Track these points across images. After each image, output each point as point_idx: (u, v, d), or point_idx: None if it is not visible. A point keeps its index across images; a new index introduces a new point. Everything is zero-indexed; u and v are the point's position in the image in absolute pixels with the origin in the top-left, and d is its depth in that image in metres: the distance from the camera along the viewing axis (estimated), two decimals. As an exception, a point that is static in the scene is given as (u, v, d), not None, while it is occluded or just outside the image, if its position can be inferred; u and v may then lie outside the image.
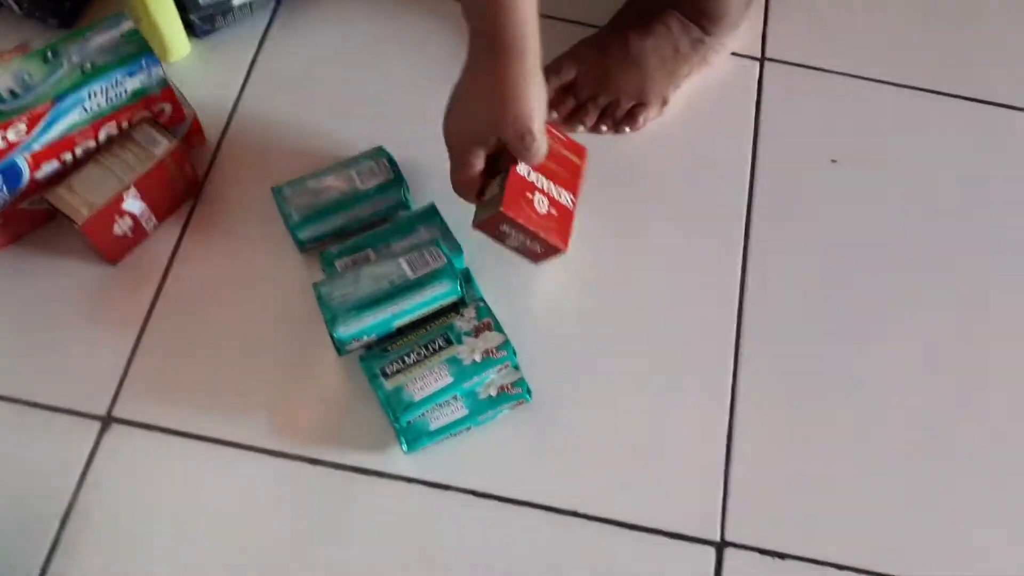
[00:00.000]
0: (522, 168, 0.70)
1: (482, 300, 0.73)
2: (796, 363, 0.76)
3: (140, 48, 0.69)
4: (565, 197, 0.73)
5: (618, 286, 0.79)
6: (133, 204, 0.72)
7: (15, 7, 0.84)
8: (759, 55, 0.93)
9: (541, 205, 0.70)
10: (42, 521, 0.66)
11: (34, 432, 0.69)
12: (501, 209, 0.67)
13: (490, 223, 0.69)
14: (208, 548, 0.67)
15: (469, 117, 0.66)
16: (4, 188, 0.69)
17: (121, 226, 0.72)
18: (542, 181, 0.71)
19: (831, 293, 0.80)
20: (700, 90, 0.89)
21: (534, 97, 0.63)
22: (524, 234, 0.70)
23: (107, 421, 0.70)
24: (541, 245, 0.71)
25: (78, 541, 0.66)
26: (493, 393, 0.70)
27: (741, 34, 0.90)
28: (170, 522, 0.68)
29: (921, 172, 0.87)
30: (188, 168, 0.76)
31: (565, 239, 0.72)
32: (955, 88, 0.91)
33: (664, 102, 0.87)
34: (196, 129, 0.80)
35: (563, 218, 0.72)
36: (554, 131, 0.75)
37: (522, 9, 0.61)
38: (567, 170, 0.74)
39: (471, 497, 0.69)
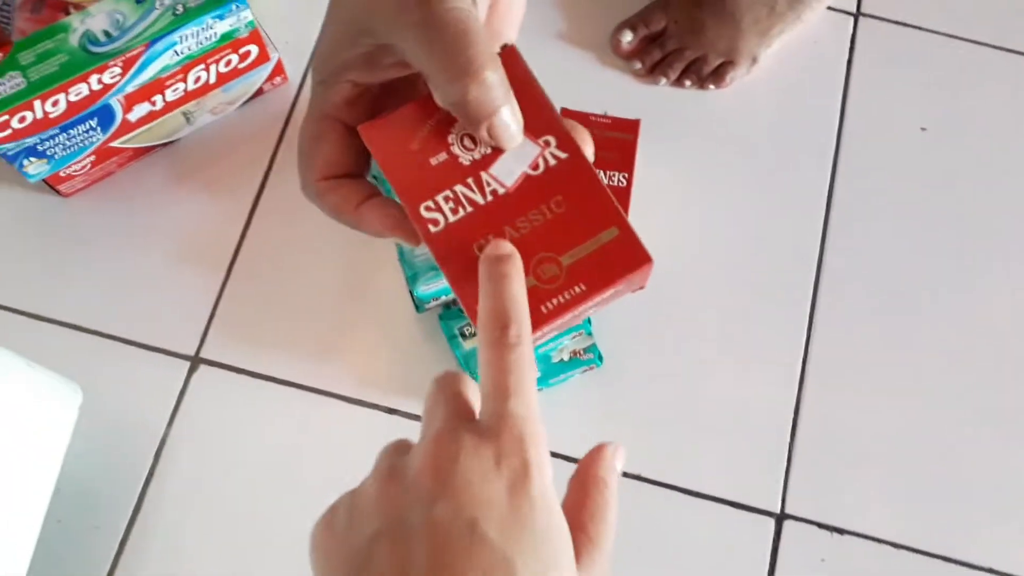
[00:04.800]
0: None
1: (560, 263, 0.73)
2: (869, 338, 0.76)
3: (231, -9, 0.68)
4: (618, 179, 0.75)
5: (693, 250, 0.78)
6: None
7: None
8: (854, 10, 0.89)
9: None
10: (138, 453, 0.70)
11: (128, 369, 0.72)
12: None
13: None
14: (286, 486, 0.70)
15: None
16: (99, 128, 0.70)
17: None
18: None
19: (910, 266, 0.79)
20: (790, 46, 0.86)
21: None
22: None
23: (196, 362, 0.73)
24: None
25: (170, 472, 0.70)
26: (565, 357, 0.72)
27: (840, -11, 0.86)
28: (252, 460, 0.71)
29: (1017, 147, 0.84)
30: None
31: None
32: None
33: (754, 61, 0.84)
34: (279, 70, 0.79)
35: (619, 199, 0.74)
36: (594, 117, 0.76)
37: None
38: (619, 150, 0.76)
39: (539, 454, 0.72)
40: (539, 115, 0.34)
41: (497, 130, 0.32)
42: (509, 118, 0.32)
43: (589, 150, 0.34)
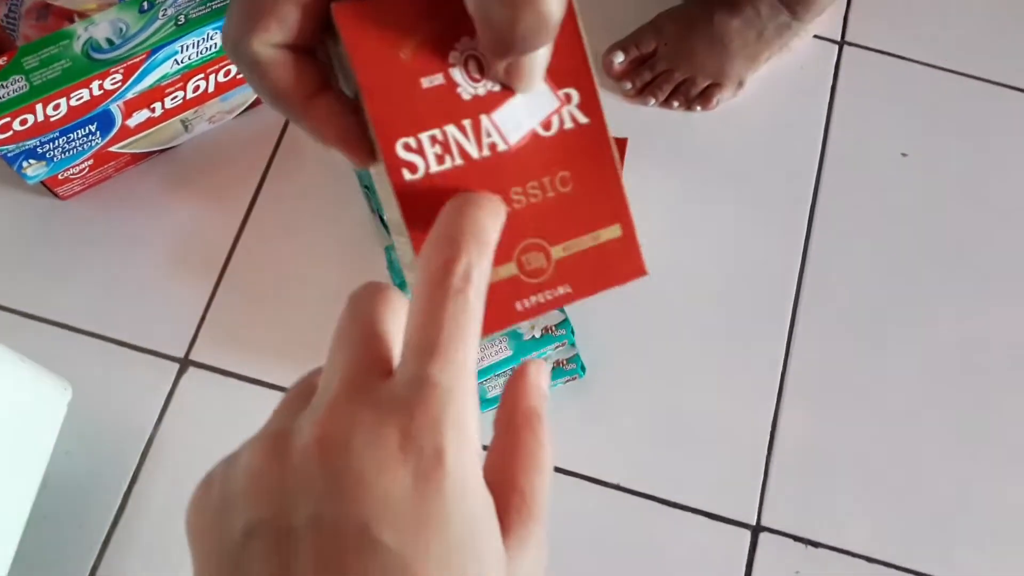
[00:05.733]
0: None
1: (545, 275, 0.75)
2: (846, 355, 0.78)
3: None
4: None
5: (677, 266, 0.80)
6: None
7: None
8: (839, 38, 0.91)
9: None
10: (125, 452, 0.71)
11: (118, 369, 0.74)
12: None
13: None
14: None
15: None
16: (98, 133, 0.72)
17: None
18: None
19: (887, 289, 0.80)
20: (776, 70, 0.88)
21: None
22: None
23: (185, 364, 0.74)
24: None
25: (156, 472, 0.71)
26: (548, 368, 0.73)
27: (825, 18, 0.88)
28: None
29: (995, 175, 0.86)
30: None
31: None
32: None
33: (740, 84, 0.86)
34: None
35: None
36: None
37: None
38: None
39: (521, 462, 0.73)
40: (568, 58, 0.27)
41: (521, 71, 0.25)
42: (542, 60, 0.25)
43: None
